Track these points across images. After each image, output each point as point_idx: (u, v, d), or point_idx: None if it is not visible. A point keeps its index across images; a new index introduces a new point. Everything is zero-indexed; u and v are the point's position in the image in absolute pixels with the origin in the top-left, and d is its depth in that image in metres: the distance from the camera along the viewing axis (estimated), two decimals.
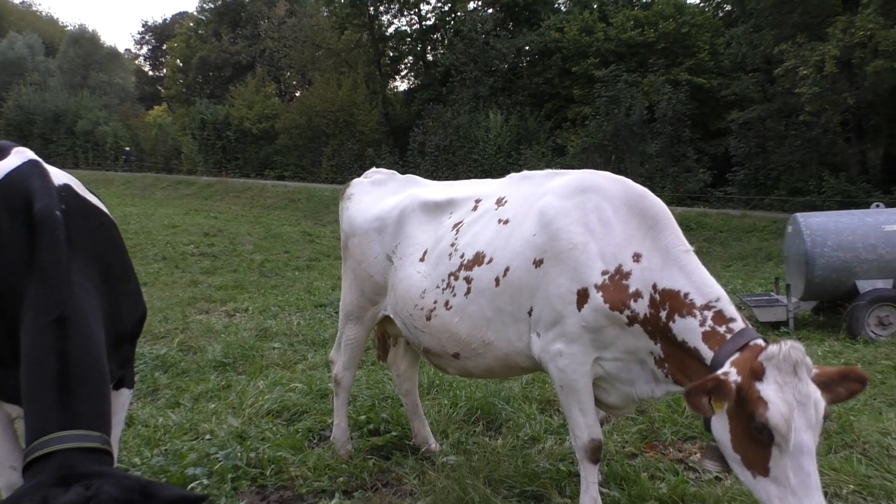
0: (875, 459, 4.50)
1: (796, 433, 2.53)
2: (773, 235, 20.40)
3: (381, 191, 4.80)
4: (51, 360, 2.29)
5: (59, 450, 2.11)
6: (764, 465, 2.64)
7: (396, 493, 4.24)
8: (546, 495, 4.04)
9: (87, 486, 1.98)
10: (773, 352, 2.63)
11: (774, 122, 26.48)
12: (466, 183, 4.58)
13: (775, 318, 9.67)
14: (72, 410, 2.23)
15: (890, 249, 9.09)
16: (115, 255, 2.92)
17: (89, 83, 66.29)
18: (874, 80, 20.87)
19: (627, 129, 28.93)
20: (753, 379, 2.65)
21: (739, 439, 2.74)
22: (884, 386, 6.38)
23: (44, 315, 2.36)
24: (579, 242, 3.46)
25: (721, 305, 3.12)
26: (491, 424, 5.36)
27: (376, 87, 42.60)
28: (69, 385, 2.27)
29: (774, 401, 2.56)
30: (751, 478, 2.72)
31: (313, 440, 5.06)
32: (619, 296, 3.33)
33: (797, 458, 2.55)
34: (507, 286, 3.69)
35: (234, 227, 23.19)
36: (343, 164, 39.37)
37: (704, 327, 3.08)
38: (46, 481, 2.01)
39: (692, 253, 3.35)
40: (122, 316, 2.79)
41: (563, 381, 3.53)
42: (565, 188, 3.71)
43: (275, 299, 11.08)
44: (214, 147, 45.65)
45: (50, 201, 2.57)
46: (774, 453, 2.60)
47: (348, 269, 4.79)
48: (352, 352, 4.83)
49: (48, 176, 2.73)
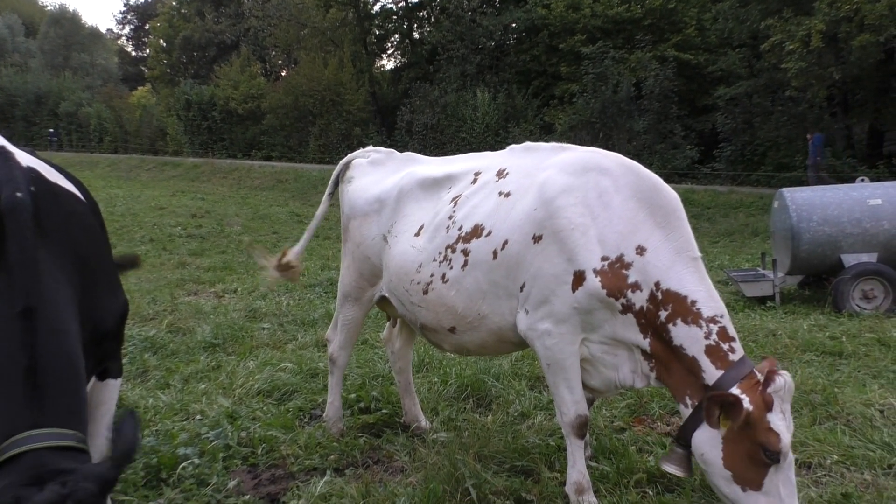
0: (858, 430, 4.58)
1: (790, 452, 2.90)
2: (760, 211, 20.50)
3: (381, 171, 4.76)
4: (17, 355, 2.16)
5: (31, 450, 1.99)
6: (759, 482, 2.89)
7: (387, 470, 4.28)
8: (536, 470, 4.09)
9: (62, 484, 1.89)
10: (780, 385, 2.89)
11: (761, 98, 26.47)
12: (466, 157, 4.52)
13: (762, 292, 9.75)
14: (42, 408, 2.11)
15: (874, 223, 9.17)
16: (91, 243, 2.75)
17: (71, 64, 65.34)
18: (860, 55, 20.86)
19: (615, 107, 28.84)
20: (766, 410, 2.88)
21: (737, 459, 2.94)
22: (867, 358, 6.46)
23: (8, 307, 2.21)
24: (580, 224, 3.42)
25: (725, 322, 3.21)
26: (481, 401, 5.41)
27: (363, 66, 42.20)
28: (38, 381, 2.14)
29: (783, 431, 2.86)
30: (739, 491, 2.94)
31: (304, 419, 5.09)
32: (617, 283, 3.33)
33: (787, 471, 2.88)
34: (504, 260, 3.66)
35: (222, 209, 23.04)
36: (330, 144, 39.10)
37: (709, 341, 3.17)
38: (17, 481, 1.91)
39: (700, 261, 3.37)
40: (100, 310, 2.64)
41: (551, 359, 3.54)
42: (572, 165, 3.64)
43: (263, 280, 11.04)
44: (200, 128, 45.15)
45: (15, 186, 2.41)
46: (771, 471, 2.88)
47: (347, 250, 4.77)
48: (348, 332, 4.83)
49: (13, 159, 2.57)
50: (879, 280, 8.95)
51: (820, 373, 5.94)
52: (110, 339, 2.81)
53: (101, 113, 52.92)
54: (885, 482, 3.86)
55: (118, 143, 51.41)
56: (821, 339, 7.19)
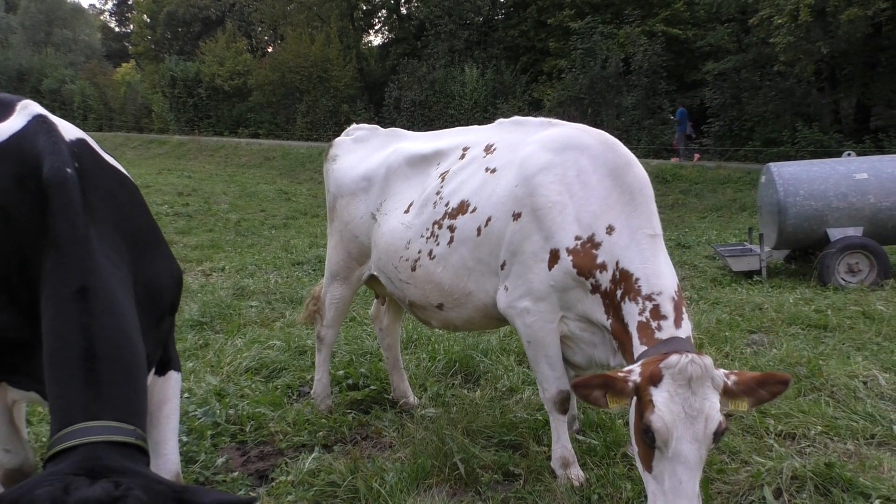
0: (842, 401, 4.63)
1: (677, 442, 2.60)
2: (748, 186, 20.58)
3: (366, 148, 4.70)
4: (74, 337, 2.00)
5: (85, 443, 1.83)
6: (649, 463, 2.74)
7: (376, 446, 4.30)
8: (524, 444, 4.11)
9: (115, 484, 1.71)
10: (672, 362, 2.65)
11: (749, 73, 26.46)
12: (454, 131, 4.46)
13: (748, 267, 9.81)
14: (100, 398, 1.94)
15: (860, 197, 9.22)
16: (143, 216, 2.62)
17: (53, 40, 64.30)
18: (848, 29, 20.86)
19: (603, 82, 28.76)
20: (650, 383, 2.69)
21: (636, 433, 2.82)
22: (852, 331, 6.52)
23: (62, 287, 2.07)
24: (557, 202, 3.40)
25: (661, 300, 3.10)
26: (469, 377, 5.42)
27: (350, 42, 41.82)
28: (96, 367, 1.97)
29: (661, 407, 2.63)
30: (641, 468, 2.84)
31: (292, 396, 5.09)
32: (587, 263, 3.31)
33: (674, 464, 2.61)
34: (488, 237, 3.65)
35: (209, 187, 22.91)
36: (318, 121, 38.86)
37: (641, 317, 3.10)
38: (69, 469, 1.76)
39: (658, 238, 3.29)
40: (157, 285, 2.48)
41: (531, 336, 3.55)
42: (553, 142, 3.60)
43: (251, 258, 11.02)
44: (186, 105, 44.72)
45: (59, 159, 2.27)
46: (657, 455, 2.69)
47: (335, 230, 4.74)
48: (336, 310, 4.82)
49: (56, 131, 2.43)
50: (864, 254, 9.01)
51: (805, 345, 5.99)
52: (168, 317, 2.67)
53: (85, 90, 52.26)
54: (868, 452, 3.91)
55: (103, 120, 50.84)
56: (806, 312, 7.25)
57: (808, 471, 3.57)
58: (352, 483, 3.64)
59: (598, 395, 2.77)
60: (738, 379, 2.73)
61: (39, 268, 2.15)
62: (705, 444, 2.62)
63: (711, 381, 2.65)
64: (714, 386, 2.66)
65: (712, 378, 2.65)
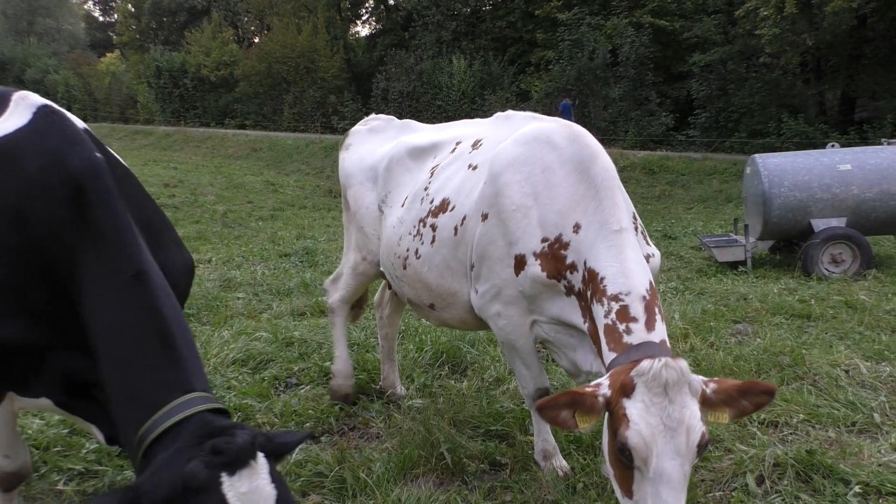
0: (824, 390, 4.69)
1: (658, 459, 2.29)
2: (734, 177, 20.69)
3: (378, 138, 4.67)
4: (145, 319, 2.07)
5: (196, 412, 1.94)
6: (629, 487, 2.42)
7: (363, 437, 4.32)
8: (510, 434, 4.15)
9: (249, 433, 1.84)
10: (644, 368, 2.37)
11: (735, 65, 26.57)
12: (458, 124, 4.40)
13: (734, 257, 9.89)
14: (186, 371, 2.05)
15: (844, 189, 9.30)
16: (152, 205, 2.65)
17: (36, 29, 63.56)
18: (833, 21, 20.99)
19: (591, 73, 28.79)
20: (622, 395, 2.40)
21: (611, 454, 2.51)
22: (835, 321, 6.60)
23: (118, 274, 2.10)
24: (522, 205, 3.25)
25: (629, 301, 2.80)
26: (456, 368, 5.45)
27: (337, 33, 41.57)
28: (175, 344, 2.07)
29: (636, 421, 2.33)
30: (620, 495, 2.51)
31: (279, 387, 5.09)
32: (556, 265, 3.14)
33: (657, 485, 2.30)
34: (463, 237, 3.55)
35: (195, 178, 22.75)
36: (305, 112, 38.64)
37: (607, 319, 2.81)
38: (194, 438, 1.84)
39: (624, 232, 2.99)
40: (172, 273, 2.49)
41: (504, 339, 3.51)
42: (522, 140, 3.44)
43: (238, 249, 10.97)
44: (172, 95, 44.35)
45: (87, 148, 2.26)
46: (637, 476, 2.38)
47: (347, 219, 4.77)
48: (350, 293, 4.84)
49: (71, 120, 2.44)
50: (848, 244, 9.10)
51: (789, 335, 6.05)
52: (182, 299, 2.67)
53: (69, 80, 51.70)
54: (848, 439, 3.97)
55: (87, 111, 50.29)
56: (790, 302, 7.32)
57: (790, 458, 3.62)
58: (339, 473, 3.66)
59: (565, 415, 2.47)
60: (718, 387, 2.45)
61: (72, 262, 2.15)
62: (689, 459, 2.33)
63: (689, 386, 2.38)
64: (692, 392, 2.38)
65: (689, 383, 2.38)
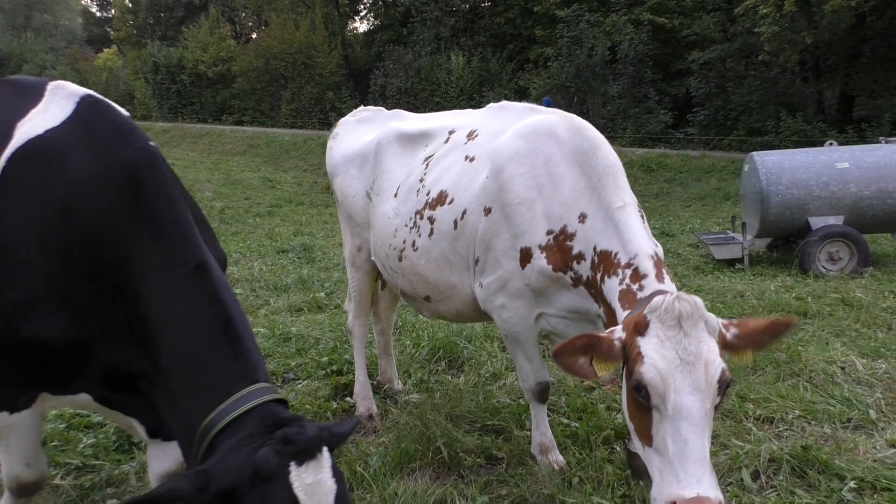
0: (820, 386, 4.70)
1: (676, 394, 2.21)
2: (732, 175, 20.72)
3: (366, 128, 4.65)
4: (209, 309, 2.08)
5: (262, 403, 1.97)
6: (648, 433, 2.32)
7: (360, 431, 4.32)
8: (506, 429, 4.15)
9: (306, 425, 1.85)
10: (657, 303, 2.33)
11: (734, 63, 26.60)
12: (448, 114, 4.39)
13: (731, 255, 9.89)
14: (250, 362, 2.07)
15: (841, 186, 9.31)
16: (189, 196, 2.62)
17: (33, 25, 63.36)
18: (832, 19, 20.98)
19: (589, 71, 28.78)
20: (636, 334, 2.34)
21: (629, 404, 2.43)
22: (832, 318, 6.60)
23: (180, 265, 2.11)
24: (526, 198, 3.27)
25: (638, 262, 2.82)
26: (453, 363, 5.45)
27: (335, 29, 41.53)
28: (240, 335, 2.09)
29: (651, 355, 2.26)
30: (640, 447, 2.40)
31: (276, 383, 5.09)
32: (562, 257, 3.17)
33: (675, 422, 2.20)
34: (463, 230, 3.55)
35: (193, 174, 22.73)
36: (303, 108, 38.61)
37: (622, 286, 2.81)
38: (260, 428, 1.87)
39: (628, 207, 3.04)
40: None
41: (508, 331, 3.51)
42: (524, 132, 3.44)
43: (236, 246, 10.98)
44: (169, 91, 44.31)
45: (139, 136, 2.25)
46: (655, 418, 2.28)
47: (339, 212, 4.73)
48: (358, 297, 4.71)
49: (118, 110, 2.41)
50: (845, 242, 9.11)
51: None
52: None
53: (66, 76, 51.47)
54: (844, 435, 3.98)
55: None
56: (787, 299, 7.33)
57: (786, 453, 3.63)
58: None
59: (583, 362, 2.43)
60: (740, 332, 2.41)
61: (126, 255, 2.14)
62: (709, 396, 2.23)
63: (705, 323, 2.31)
64: (709, 330, 2.32)
65: (706, 320, 2.32)
